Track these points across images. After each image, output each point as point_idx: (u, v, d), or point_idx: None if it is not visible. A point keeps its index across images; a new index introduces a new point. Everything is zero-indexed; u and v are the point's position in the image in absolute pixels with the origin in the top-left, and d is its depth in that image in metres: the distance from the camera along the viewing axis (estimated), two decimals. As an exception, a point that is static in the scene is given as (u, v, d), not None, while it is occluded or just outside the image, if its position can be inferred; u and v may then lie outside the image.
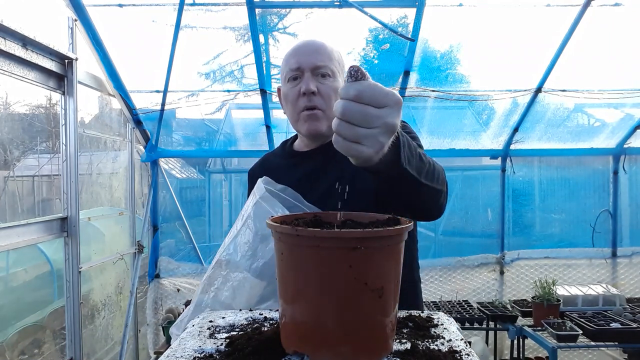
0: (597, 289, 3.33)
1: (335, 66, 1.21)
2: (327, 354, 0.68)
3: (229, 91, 3.43)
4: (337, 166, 1.16)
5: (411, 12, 2.84)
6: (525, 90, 3.35)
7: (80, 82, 2.62)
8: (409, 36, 2.82)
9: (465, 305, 3.47)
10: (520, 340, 3.26)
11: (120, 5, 2.82)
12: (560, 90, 3.33)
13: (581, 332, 2.79)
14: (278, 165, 1.33)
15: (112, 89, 3.10)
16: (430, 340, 0.77)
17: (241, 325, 0.87)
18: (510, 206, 3.97)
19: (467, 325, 3.21)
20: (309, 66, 1.17)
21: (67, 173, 2.51)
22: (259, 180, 1.11)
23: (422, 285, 1.40)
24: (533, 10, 2.96)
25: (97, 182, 3.21)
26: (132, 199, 3.53)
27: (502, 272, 3.81)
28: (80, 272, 2.57)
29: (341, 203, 1.05)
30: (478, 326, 3.25)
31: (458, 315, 3.23)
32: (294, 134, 1.42)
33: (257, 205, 1.05)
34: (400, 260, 0.72)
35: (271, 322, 0.88)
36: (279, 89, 1.31)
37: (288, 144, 1.40)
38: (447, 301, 3.58)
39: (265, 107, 3.36)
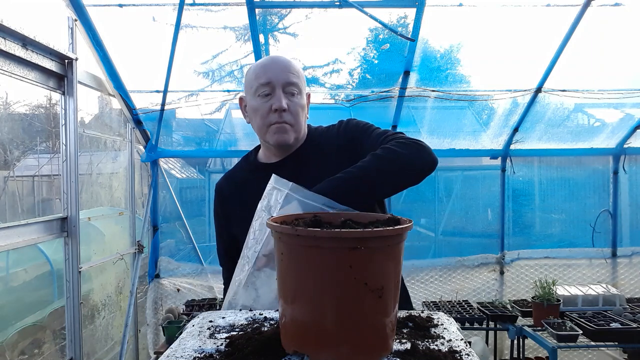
0: (597, 289, 3.33)
1: (301, 83, 1.29)
2: (327, 354, 0.68)
3: (228, 91, 3.43)
4: (310, 172, 1.24)
5: (411, 12, 2.84)
6: (525, 90, 3.35)
7: (80, 82, 2.62)
8: (409, 36, 2.82)
9: (465, 305, 3.47)
10: (520, 340, 3.26)
11: (120, 5, 2.82)
12: (560, 90, 3.33)
13: (581, 332, 2.79)
14: (246, 178, 1.37)
15: (112, 89, 3.10)
16: (430, 340, 0.77)
17: (241, 325, 0.87)
18: (510, 206, 3.97)
19: (467, 325, 3.22)
20: (281, 83, 1.24)
21: (67, 173, 2.51)
22: (273, 177, 1.11)
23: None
24: (533, 10, 2.96)
25: (97, 182, 3.21)
26: (132, 199, 3.53)
27: (502, 272, 3.82)
28: (80, 272, 2.57)
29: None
30: (478, 326, 3.25)
31: (458, 315, 3.24)
32: (253, 148, 1.47)
33: (289, 198, 1.04)
34: (401, 260, 0.72)
35: (271, 322, 0.88)
36: (241, 99, 1.36)
37: (252, 157, 1.43)
38: (447, 301, 3.58)
39: (265, 107, 3.36)
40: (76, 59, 2.49)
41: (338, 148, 1.29)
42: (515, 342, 3.28)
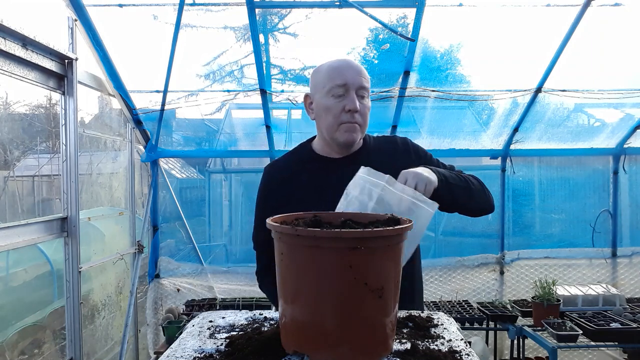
0: (597, 289, 3.33)
1: (368, 88, 1.37)
2: (327, 353, 0.68)
3: (228, 91, 3.43)
4: (372, 161, 1.29)
5: (411, 12, 2.83)
6: (525, 90, 3.34)
7: (80, 82, 2.62)
8: (409, 36, 2.82)
9: (465, 305, 3.47)
10: (520, 340, 3.26)
11: (120, 5, 2.82)
12: (560, 90, 3.32)
13: (581, 332, 2.79)
14: (303, 168, 1.43)
15: (112, 89, 3.10)
16: (430, 340, 0.77)
17: (241, 325, 0.87)
18: (510, 206, 3.97)
19: (467, 325, 3.22)
20: (356, 86, 1.31)
21: (67, 173, 2.51)
22: (363, 169, 1.19)
23: (422, 286, 1.50)
24: (533, 10, 2.96)
25: (97, 182, 3.21)
26: (132, 199, 3.53)
27: (502, 272, 3.81)
28: (80, 272, 2.57)
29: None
30: (478, 326, 3.25)
31: (458, 315, 3.23)
32: (306, 140, 1.52)
33: (386, 191, 1.11)
34: (400, 260, 0.72)
35: (271, 322, 0.88)
36: (306, 96, 1.42)
37: (306, 149, 1.48)
38: (447, 301, 3.58)
39: (265, 107, 3.36)
40: (76, 59, 2.49)
41: (405, 162, 1.33)
42: (515, 342, 3.27)
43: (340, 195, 1.25)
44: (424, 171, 1.19)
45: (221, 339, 0.79)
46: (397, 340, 0.76)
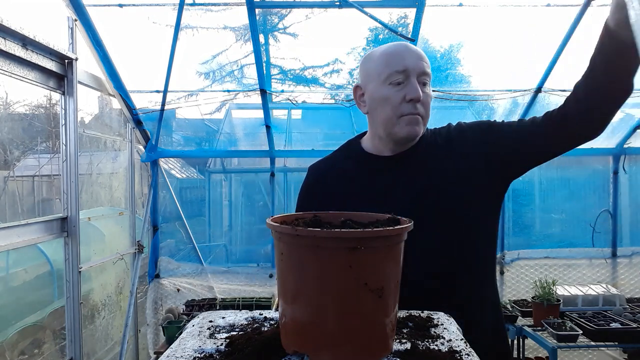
0: (597, 289, 3.33)
1: (430, 74, 1.20)
2: (327, 354, 0.68)
3: (228, 91, 3.43)
4: (426, 172, 1.19)
5: (411, 12, 2.84)
6: (525, 90, 3.34)
7: (80, 82, 2.62)
8: (409, 36, 2.82)
9: (465, 305, 3.46)
10: (520, 340, 3.26)
11: (120, 5, 2.82)
12: (560, 90, 3.32)
13: (581, 332, 2.79)
14: (352, 169, 1.28)
15: (112, 89, 3.10)
16: (430, 340, 0.77)
17: (241, 325, 0.87)
18: (510, 206, 3.97)
19: (467, 325, 3.21)
20: (417, 71, 1.15)
21: (67, 173, 2.51)
22: None
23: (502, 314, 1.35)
24: (533, 10, 2.96)
25: (97, 182, 3.21)
26: (132, 199, 3.53)
27: (502, 272, 3.81)
28: (80, 272, 2.57)
29: (433, 208, 1.14)
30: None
31: (458, 315, 3.23)
32: (354, 137, 1.36)
33: None
34: (400, 260, 0.72)
35: (271, 322, 0.88)
36: (356, 88, 1.26)
37: (355, 146, 1.32)
38: (447, 301, 3.58)
39: (265, 107, 3.36)
40: (76, 59, 2.49)
41: (463, 151, 1.20)
42: (515, 342, 3.27)
43: (389, 197, 1.16)
44: None
45: (221, 339, 0.79)
46: (397, 340, 0.76)
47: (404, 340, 0.76)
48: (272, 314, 0.92)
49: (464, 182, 1.16)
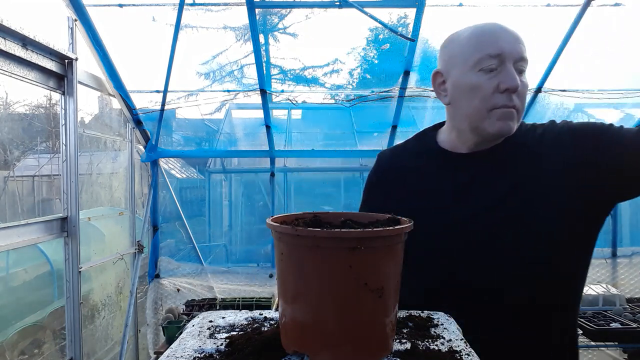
0: (597, 289, 3.33)
1: (528, 60, 1.01)
2: (327, 354, 0.68)
3: (228, 91, 3.43)
4: (511, 171, 1.02)
5: (411, 12, 2.84)
6: (525, 90, 3.34)
7: (80, 82, 2.62)
8: (409, 36, 2.82)
9: (465, 305, 3.46)
10: (520, 340, 3.26)
11: (120, 5, 2.82)
12: (560, 90, 3.33)
13: (581, 332, 2.79)
14: (424, 166, 1.13)
15: (112, 89, 3.10)
16: (430, 340, 0.77)
17: (241, 325, 0.87)
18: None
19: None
20: (514, 56, 0.96)
21: (67, 173, 2.51)
22: None
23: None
24: (533, 10, 2.96)
25: (97, 182, 3.21)
26: (132, 199, 3.53)
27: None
28: (80, 272, 2.57)
29: (516, 212, 0.99)
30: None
31: (458, 315, 3.23)
32: (428, 128, 1.21)
33: None
34: (401, 260, 0.72)
35: (271, 322, 0.88)
36: (437, 74, 1.09)
37: (429, 139, 1.16)
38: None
39: (265, 107, 3.36)
40: (76, 59, 2.49)
41: (568, 162, 0.98)
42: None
43: (459, 201, 1.03)
44: None
45: (221, 339, 0.79)
46: (397, 340, 0.76)
47: (404, 340, 0.76)
48: (272, 314, 0.92)
49: (558, 197, 0.97)
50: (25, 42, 2.10)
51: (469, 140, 1.06)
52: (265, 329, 0.82)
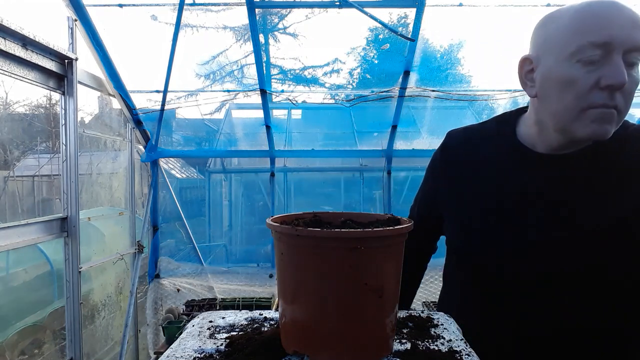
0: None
1: None
2: (327, 354, 0.68)
3: (228, 91, 3.43)
4: (604, 184, 0.86)
5: (411, 12, 2.84)
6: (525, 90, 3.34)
7: (80, 82, 2.62)
8: (409, 36, 2.82)
9: (465, 305, 3.46)
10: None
11: (120, 5, 2.82)
12: (560, 90, 3.33)
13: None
14: (500, 160, 0.97)
15: (112, 89, 3.10)
16: (430, 340, 0.77)
17: (241, 325, 0.87)
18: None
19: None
20: (626, 46, 0.77)
21: (67, 173, 2.51)
22: None
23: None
24: (533, 10, 2.96)
25: (97, 182, 3.21)
26: (132, 199, 3.53)
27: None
28: (80, 272, 2.57)
29: (579, 242, 0.85)
30: None
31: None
32: (509, 112, 1.06)
33: None
34: (401, 260, 0.72)
35: (271, 322, 0.88)
36: (525, 59, 0.92)
37: (508, 131, 1.00)
38: (447, 301, 3.57)
39: (266, 107, 3.36)
40: (76, 59, 2.49)
41: None
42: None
43: (525, 205, 0.89)
44: None
45: (221, 339, 0.79)
46: (397, 340, 0.76)
47: (404, 340, 0.76)
48: (272, 314, 0.92)
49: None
50: (25, 42, 2.10)
51: (552, 140, 0.90)
52: (265, 329, 0.82)
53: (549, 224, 0.87)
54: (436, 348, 0.73)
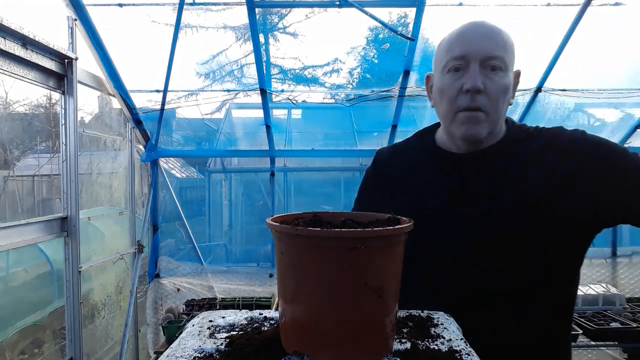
0: (597, 289, 3.33)
1: (509, 58, 0.97)
2: (327, 354, 0.68)
3: (228, 91, 3.43)
4: (505, 174, 1.01)
5: (411, 12, 2.84)
6: (525, 90, 3.34)
7: (80, 82, 2.62)
8: (409, 36, 2.82)
9: (465, 305, 3.46)
10: (520, 339, 3.25)
11: (120, 5, 2.82)
12: (561, 90, 3.32)
13: (581, 331, 2.79)
14: (421, 162, 1.13)
15: (112, 88, 3.10)
16: (430, 340, 0.77)
17: (241, 325, 0.87)
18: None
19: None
20: (479, 56, 0.94)
21: (67, 173, 2.51)
22: None
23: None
24: (533, 10, 2.96)
25: (97, 182, 3.21)
26: (132, 199, 3.53)
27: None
28: (80, 272, 2.57)
29: (510, 214, 0.97)
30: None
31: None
32: (431, 125, 1.20)
33: None
34: (401, 260, 0.72)
35: (271, 322, 0.88)
36: (428, 77, 1.11)
37: (428, 138, 1.16)
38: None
39: (265, 107, 3.36)
40: (76, 59, 2.49)
41: (570, 177, 0.96)
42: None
43: (457, 200, 1.02)
44: None
45: (221, 338, 0.79)
46: (397, 340, 0.76)
47: (404, 340, 0.76)
48: (272, 313, 0.92)
49: (558, 203, 0.95)
50: (25, 41, 2.10)
51: (456, 141, 1.06)
52: (265, 328, 0.82)
53: (467, 208, 1.01)
54: (436, 347, 0.73)
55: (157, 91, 3.26)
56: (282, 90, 3.44)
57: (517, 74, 1.04)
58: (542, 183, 0.97)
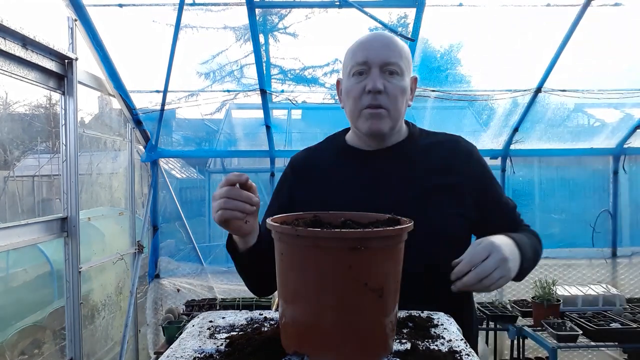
0: (597, 289, 3.33)
1: (404, 64, 1.13)
2: (327, 354, 0.68)
3: (228, 91, 3.43)
4: (408, 167, 1.17)
5: (411, 12, 2.84)
6: (525, 90, 3.35)
7: (80, 82, 2.62)
8: (409, 36, 2.82)
9: (465, 305, 3.46)
10: (520, 340, 3.26)
11: (120, 5, 2.82)
12: (560, 90, 3.33)
13: (581, 332, 2.79)
14: (332, 161, 1.25)
15: (112, 89, 3.10)
16: (430, 340, 0.77)
17: (241, 325, 0.87)
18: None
19: (467, 325, 3.21)
20: (378, 62, 1.10)
21: (67, 173, 2.51)
22: None
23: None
24: (533, 10, 2.96)
25: (97, 182, 3.21)
26: (132, 199, 3.53)
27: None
28: (80, 272, 2.57)
29: (418, 205, 1.08)
30: (478, 326, 3.25)
31: (458, 315, 3.23)
32: (341, 130, 1.33)
33: None
34: (401, 260, 0.72)
35: (271, 322, 0.88)
36: (338, 82, 1.25)
37: (339, 139, 1.29)
38: (447, 301, 3.58)
39: (265, 107, 3.36)
40: (76, 59, 2.49)
41: (462, 172, 1.16)
42: (515, 342, 3.27)
43: (369, 190, 1.14)
44: (511, 258, 0.97)
45: (221, 339, 0.79)
46: (397, 340, 0.76)
47: (404, 340, 0.76)
48: (272, 314, 0.92)
49: (456, 196, 1.15)
50: (25, 42, 2.10)
51: (364, 138, 1.20)
52: (265, 329, 0.82)
53: (379, 199, 1.11)
54: (436, 348, 0.73)
55: (157, 91, 3.26)
56: (282, 91, 3.44)
57: (414, 79, 1.21)
58: (439, 175, 1.15)
